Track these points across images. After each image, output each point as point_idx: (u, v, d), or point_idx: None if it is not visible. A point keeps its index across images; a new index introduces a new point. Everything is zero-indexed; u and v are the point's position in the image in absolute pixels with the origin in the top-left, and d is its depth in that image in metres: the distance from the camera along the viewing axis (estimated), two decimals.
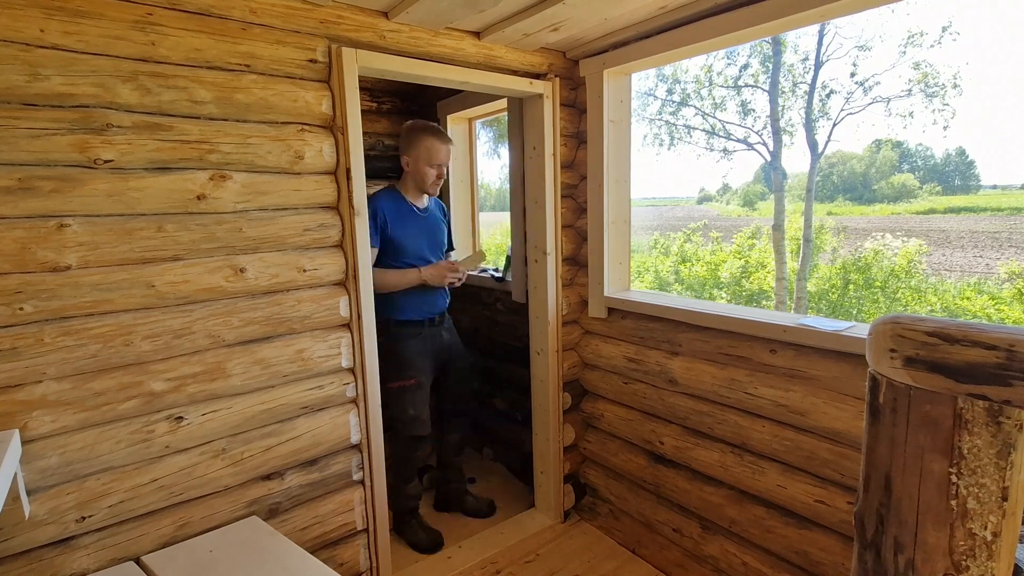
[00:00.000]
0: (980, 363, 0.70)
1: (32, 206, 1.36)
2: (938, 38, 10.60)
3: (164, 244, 1.55)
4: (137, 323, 1.52)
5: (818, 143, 11.85)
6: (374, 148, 3.27)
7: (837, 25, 11.26)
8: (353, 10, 1.81)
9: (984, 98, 75.16)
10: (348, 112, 1.82)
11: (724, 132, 12.85)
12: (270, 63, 1.67)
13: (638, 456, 2.44)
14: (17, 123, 1.32)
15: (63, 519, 1.45)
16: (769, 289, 12.11)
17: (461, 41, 2.09)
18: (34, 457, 1.40)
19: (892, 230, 14.31)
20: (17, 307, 1.35)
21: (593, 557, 2.44)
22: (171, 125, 1.53)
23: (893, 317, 0.80)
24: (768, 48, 11.41)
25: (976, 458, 0.72)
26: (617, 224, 2.50)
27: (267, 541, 1.59)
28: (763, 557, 2.00)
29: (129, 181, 1.48)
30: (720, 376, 2.05)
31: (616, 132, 2.43)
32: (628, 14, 1.96)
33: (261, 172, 1.69)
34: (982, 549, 0.74)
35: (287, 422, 1.81)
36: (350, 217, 1.86)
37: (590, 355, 2.61)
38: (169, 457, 1.61)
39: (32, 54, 1.33)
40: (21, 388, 1.38)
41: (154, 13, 1.48)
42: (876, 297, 11.26)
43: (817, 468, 1.79)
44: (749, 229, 14.51)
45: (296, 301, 1.79)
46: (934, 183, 31.82)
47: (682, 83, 13.24)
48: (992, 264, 13.81)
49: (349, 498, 1.97)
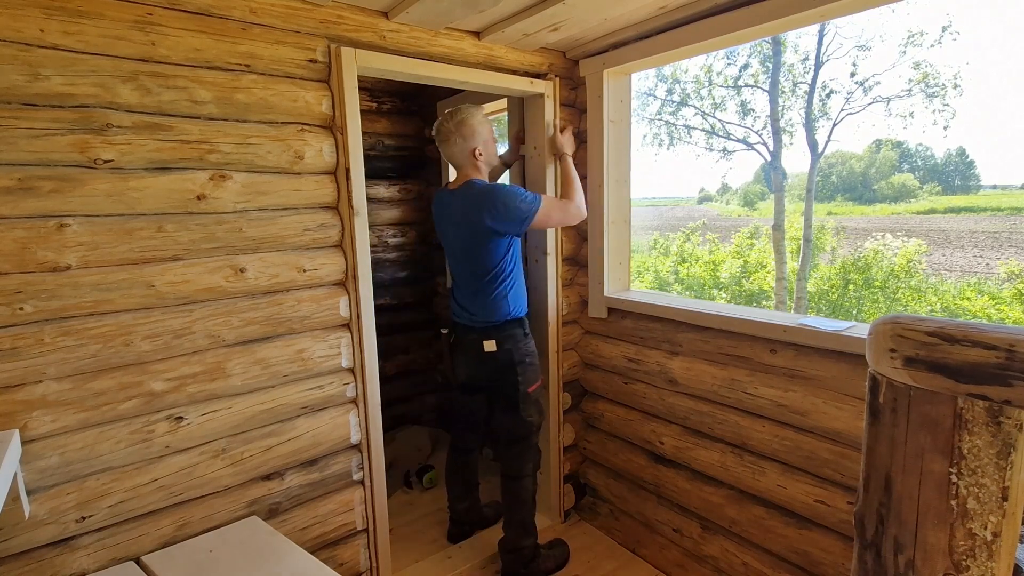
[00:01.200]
0: (980, 363, 0.70)
1: (32, 206, 1.36)
2: (938, 38, 10.62)
3: (164, 244, 1.55)
4: (137, 323, 1.52)
5: (818, 143, 11.87)
6: (374, 148, 3.27)
7: (837, 25, 11.28)
8: (353, 10, 1.81)
9: (984, 98, 75.20)
10: (347, 112, 1.82)
11: (724, 132, 12.87)
12: (270, 63, 1.67)
13: (638, 456, 2.44)
14: (17, 123, 1.32)
15: (63, 519, 1.45)
16: (769, 289, 12.12)
17: (461, 41, 2.09)
18: (34, 457, 1.40)
19: (892, 230, 14.33)
20: (17, 307, 1.35)
21: (593, 557, 2.44)
22: (171, 125, 1.53)
23: (893, 317, 0.80)
24: (768, 48, 11.42)
25: (976, 458, 0.72)
26: (617, 224, 2.50)
27: (267, 541, 1.59)
28: (763, 557, 2.00)
29: (129, 181, 1.48)
30: (720, 376, 2.05)
31: (616, 132, 2.43)
32: (628, 14, 1.96)
33: (261, 172, 1.69)
34: (982, 549, 0.74)
35: (287, 422, 1.81)
36: (350, 217, 1.86)
37: (590, 355, 2.61)
38: (169, 457, 1.61)
39: (32, 54, 1.33)
40: (21, 388, 1.38)
41: (154, 13, 1.48)
42: (876, 297, 11.27)
43: (817, 468, 1.79)
44: (748, 229, 14.52)
45: (296, 301, 1.79)
46: (934, 183, 31.87)
47: (682, 83, 13.26)
48: (992, 264, 13.81)
49: (349, 498, 1.97)
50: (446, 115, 2.11)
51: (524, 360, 2.18)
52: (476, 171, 2.15)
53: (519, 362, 2.17)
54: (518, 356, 2.17)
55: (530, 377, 2.21)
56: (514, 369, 2.17)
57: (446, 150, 2.13)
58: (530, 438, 2.25)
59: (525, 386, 2.19)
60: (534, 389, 2.23)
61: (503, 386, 2.21)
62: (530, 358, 2.21)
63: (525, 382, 2.19)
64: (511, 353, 2.16)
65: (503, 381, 2.20)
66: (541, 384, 2.29)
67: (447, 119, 2.10)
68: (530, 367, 2.21)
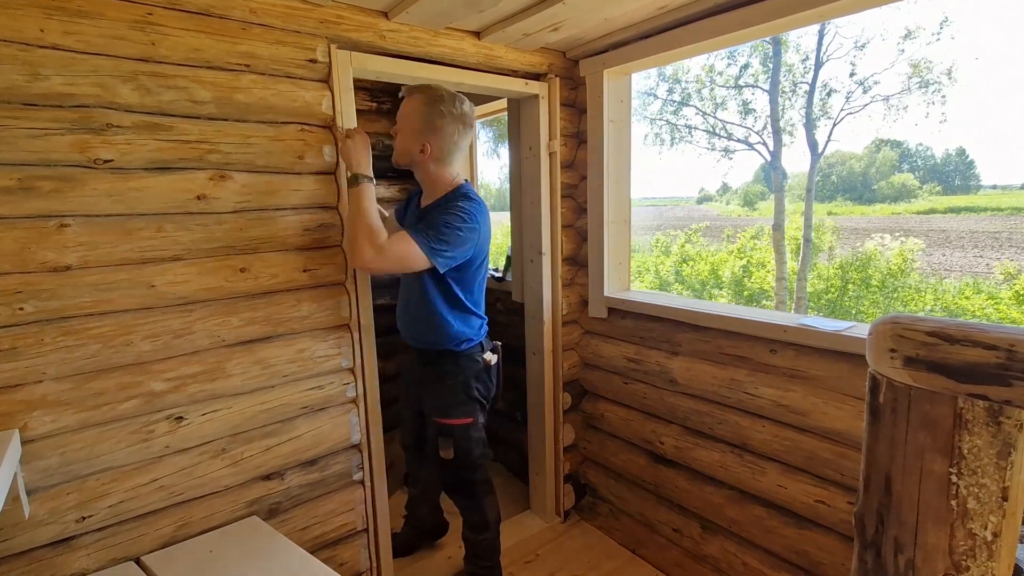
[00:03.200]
0: (980, 363, 0.70)
1: (32, 206, 1.35)
2: (936, 33, 10.60)
3: (164, 244, 1.55)
4: (137, 323, 1.52)
5: (818, 143, 11.87)
6: (374, 148, 3.25)
7: (837, 25, 11.28)
8: (353, 10, 1.81)
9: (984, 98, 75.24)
10: (344, 113, 1.83)
11: (724, 132, 12.86)
12: (270, 63, 1.67)
13: (638, 456, 2.44)
14: (17, 123, 1.32)
15: (63, 519, 1.45)
16: (769, 289, 12.12)
17: (461, 41, 2.09)
18: (34, 457, 1.40)
19: (892, 230, 14.33)
20: (17, 307, 1.35)
21: (593, 557, 2.44)
22: (171, 125, 1.53)
23: (893, 317, 0.80)
24: (769, 48, 11.42)
25: (976, 458, 0.72)
26: (617, 224, 2.50)
27: (267, 541, 1.59)
28: (763, 557, 2.00)
29: (129, 181, 1.48)
30: (720, 376, 2.05)
31: (616, 132, 2.43)
32: (628, 14, 1.96)
33: (261, 172, 1.69)
34: (982, 549, 0.74)
35: (287, 422, 1.81)
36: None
37: (590, 355, 2.62)
38: (169, 457, 1.61)
39: (32, 54, 1.33)
40: (21, 388, 1.37)
41: (154, 13, 1.48)
42: (876, 297, 11.27)
43: (817, 468, 1.79)
44: (750, 230, 14.52)
45: (296, 301, 1.79)
46: (934, 183, 31.88)
47: (683, 83, 13.26)
48: (992, 264, 13.81)
49: (349, 498, 1.97)
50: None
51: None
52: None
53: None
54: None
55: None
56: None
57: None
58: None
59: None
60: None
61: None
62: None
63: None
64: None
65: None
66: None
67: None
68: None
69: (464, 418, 1.99)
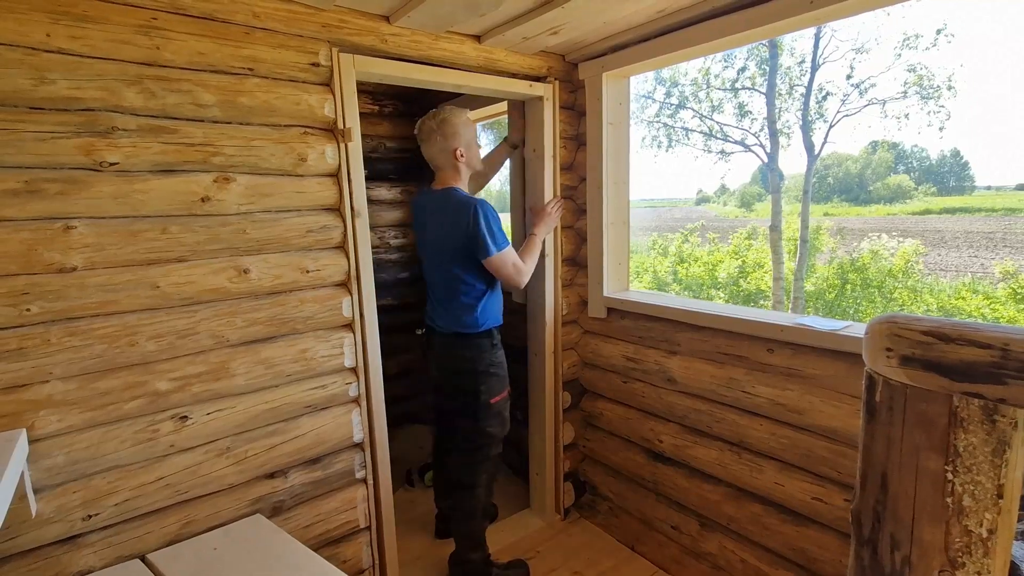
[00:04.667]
0: (975, 362, 0.71)
1: (39, 208, 1.37)
2: (933, 40, 10.64)
3: (169, 245, 1.56)
4: (142, 323, 1.53)
5: (814, 145, 11.90)
6: (376, 150, 3.28)
7: (833, 28, 11.31)
8: (355, 14, 1.82)
9: (979, 100, 75.37)
10: (347, 116, 1.84)
11: (722, 134, 12.87)
12: (273, 67, 1.68)
13: (637, 454, 2.46)
14: (24, 126, 1.33)
15: (69, 517, 1.46)
16: (767, 289, 12.15)
17: (462, 45, 2.10)
18: (41, 456, 1.41)
19: (888, 230, 14.37)
20: (24, 308, 1.36)
21: (593, 554, 2.46)
22: (175, 128, 1.54)
23: (889, 316, 0.81)
24: (765, 51, 11.43)
25: (971, 456, 0.73)
26: (616, 225, 2.52)
27: (271, 539, 1.60)
28: (761, 554, 2.01)
29: (134, 183, 1.49)
30: (718, 375, 2.07)
31: (615, 134, 2.44)
32: (627, 17, 1.97)
33: (264, 174, 1.71)
34: (978, 546, 0.75)
35: (290, 421, 1.83)
36: (351, 219, 1.88)
37: (590, 355, 2.63)
38: (174, 456, 1.62)
39: (38, 58, 1.34)
40: (28, 388, 1.39)
41: (158, 18, 1.49)
42: (873, 297, 11.30)
43: (814, 466, 1.81)
44: (746, 230, 14.54)
45: (299, 301, 1.81)
46: (929, 184, 31.98)
47: (680, 85, 13.26)
48: (987, 264, 13.87)
49: (352, 496, 1.99)
50: (429, 114, 2.12)
51: (488, 370, 2.15)
52: (456, 174, 2.14)
53: (482, 372, 2.14)
54: (481, 366, 2.14)
55: (494, 387, 2.16)
56: (475, 378, 2.14)
57: (427, 149, 2.14)
58: (486, 448, 2.20)
59: (487, 396, 2.15)
60: (497, 400, 2.18)
61: (463, 394, 2.17)
62: (495, 368, 2.17)
63: (487, 392, 2.15)
64: (474, 362, 2.13)
65: (463, 389, 2.17)
66: (507, 395, 2.24)
67: (429, 118, 2.11)
68: (494, 377, 2.17)
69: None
